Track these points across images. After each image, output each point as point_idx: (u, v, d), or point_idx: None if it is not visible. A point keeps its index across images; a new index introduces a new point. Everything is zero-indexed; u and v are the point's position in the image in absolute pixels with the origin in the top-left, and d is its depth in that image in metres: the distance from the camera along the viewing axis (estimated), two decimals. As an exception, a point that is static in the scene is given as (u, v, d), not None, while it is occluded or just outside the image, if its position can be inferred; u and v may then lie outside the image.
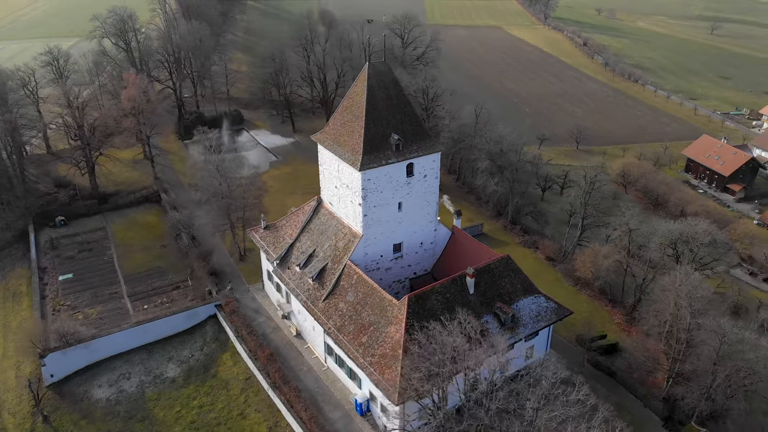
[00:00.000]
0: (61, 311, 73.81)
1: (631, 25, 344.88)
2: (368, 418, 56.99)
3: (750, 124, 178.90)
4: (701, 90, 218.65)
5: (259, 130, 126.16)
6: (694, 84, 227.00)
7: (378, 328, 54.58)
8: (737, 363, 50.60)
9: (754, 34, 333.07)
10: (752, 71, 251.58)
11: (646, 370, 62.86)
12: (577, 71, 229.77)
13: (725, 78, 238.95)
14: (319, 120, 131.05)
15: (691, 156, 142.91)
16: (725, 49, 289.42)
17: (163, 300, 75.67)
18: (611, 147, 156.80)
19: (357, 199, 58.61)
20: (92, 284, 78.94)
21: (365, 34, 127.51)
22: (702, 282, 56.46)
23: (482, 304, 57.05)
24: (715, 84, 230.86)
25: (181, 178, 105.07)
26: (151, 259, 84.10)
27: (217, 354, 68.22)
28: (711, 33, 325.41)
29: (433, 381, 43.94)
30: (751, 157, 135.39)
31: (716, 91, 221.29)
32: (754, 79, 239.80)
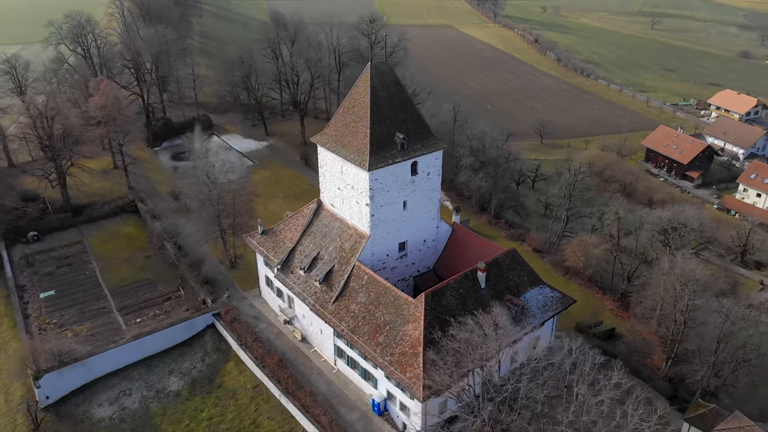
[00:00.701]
0: (48, 330, 70.67)
1: (576, 21, 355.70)
2: (386, 418, 57.08)
3: (698, 114, 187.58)
4: (649, 83, 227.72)
5: (230, 134, 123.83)
6: (642, 77, 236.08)
7: (394, 326, 54.69)
8: (742, 339, 53.23)
9: (690, 27, 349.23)
10: (693, 63, 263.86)
11: (644, 353, 65.22)
12: (532, 67, 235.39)
13: (670, 70, 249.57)
14: (292, 123, 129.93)
15: (651, 146, 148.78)
16: (666, 43, 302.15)
17: (155, 312, 73.48)
18: (573, 140, 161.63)
19: (364, 199, 58.54)
20: (77, 300, 75.85)
21: (334, 35, 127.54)
22: (698, 265, 59.07)
23: (493, 298, 57.99)
24: (660, 77, 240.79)
25: (157, 187, 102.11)
26: (137, 271, 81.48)
27: (220, 364, 66.81)
28: (651, 28, 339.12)
29: (468, 373, 44.44)
30: (707, 145, 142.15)
31: (663, 83, 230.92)
32: (696, 70, 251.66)
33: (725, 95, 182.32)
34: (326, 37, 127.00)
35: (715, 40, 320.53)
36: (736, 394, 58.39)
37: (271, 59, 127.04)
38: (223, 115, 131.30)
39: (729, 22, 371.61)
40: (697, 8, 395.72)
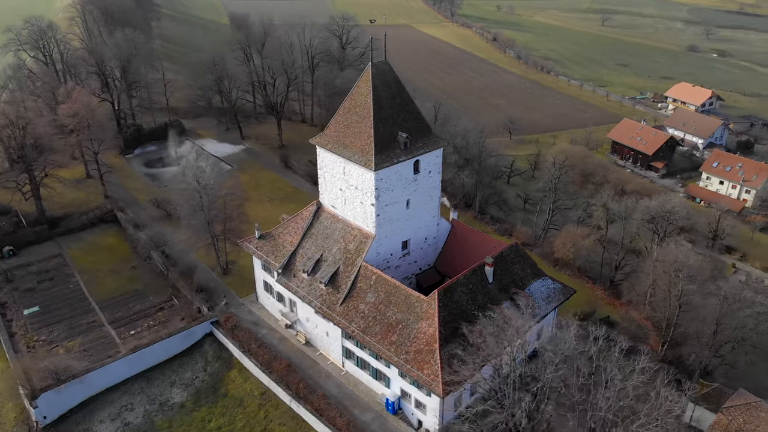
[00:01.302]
0: (37, 347, 67.99)
1: (530, 19, 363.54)
2: (401, 416, 57.20)
3: (656, 107, 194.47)
4: (606, 78, 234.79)
5: (204, 139, 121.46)
6: (599, 72, 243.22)
7: (407, 325, 54.89)
8: (739, 319, 55.68)
9: (639, 23, 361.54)
10: (645, 58, 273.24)
11: (640, 338, 67.34)
12: (493, 65, 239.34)
13: (624, 65, 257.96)
14: (267, 126, 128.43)
15: (616, 138, 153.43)
16: (618, 39, 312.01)
17: (149, 323, 71.58)
18: (540, 135, 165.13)
19: (369, 199, 58.51)
20: (64, 315, 73.18)
21: (306, 36, 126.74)
22: (691, 251, 61.44)
23: (500, 291, 58.92)
24: (616, 71, 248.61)
25: (135, 195, 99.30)
26: (124, 283, 79.16)
27: (223, 372, 65.62)
28: (602, 24, 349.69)
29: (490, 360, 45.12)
30: (670, 136, 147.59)
31: (618, 78, 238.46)
32: (649, 65, 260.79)
33: (681, 88, 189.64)
34: (298, 39, 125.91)
35: (663, 35, 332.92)
36: (731, 373, 60.98)
37: (243, 62, 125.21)
38: (195, 120, 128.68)
39: (674, 18, 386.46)
40: (644, 5, 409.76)
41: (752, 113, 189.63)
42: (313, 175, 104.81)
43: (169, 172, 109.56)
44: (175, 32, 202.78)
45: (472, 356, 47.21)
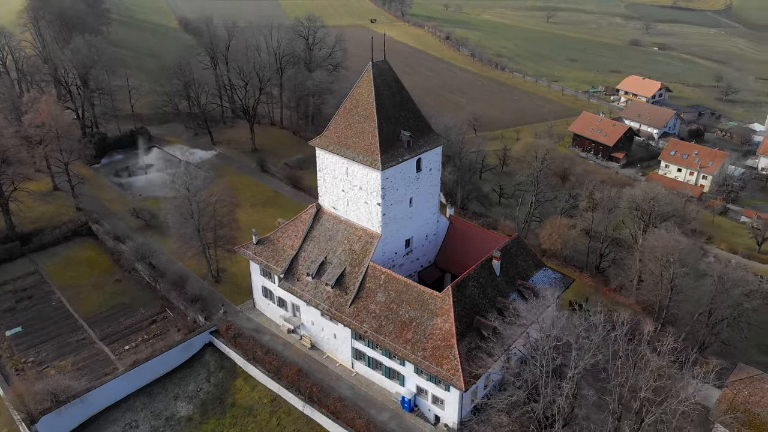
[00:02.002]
0: (26, 369, 64.91)
1: (478, 18, 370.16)
2: (417, 413, 57.46)
3: (609, 100, 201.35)
4: (558, 73, 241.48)
5: (173, 146, 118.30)
6: (550, 68, 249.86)
7: (421, 322, 55.20)
8: (735, 298, 58.60)
9: (583, 20, 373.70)
10: (592, 53, 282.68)
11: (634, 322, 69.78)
12: (449, 64, 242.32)
13: (573, 60, 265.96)
14: (236, 130, 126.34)
15: (577, 131, 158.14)
16: (564, 35, 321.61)
17: (143, 337, 69.38)
18: (503, 131, 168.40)
19: (375, 199, 58.50)
20: (50, 334, 70.10)
21: (274, 38, 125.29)
22: (681, 235, 64.21)
23: (507, 284, 60.03)
24: (566, 66, 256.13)
25: (109, 206, 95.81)
26: (109, 297, 76.41)
27: (228, 382, 64.26)
28: (547, 21, 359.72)
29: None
30: (629, 127, 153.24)
31: (569, 72, 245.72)
32: (596, 59, 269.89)
33: (632, 81, 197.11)
34: (265, 41, 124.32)
35: (606, 30, 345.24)
36: (724, 350, 64.04)
37: (210, 66, 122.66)
38: (161, 126, 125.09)
39: (614, 13, 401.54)
40: (584, 1, 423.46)
41: (698, 103, 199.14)
42: (292, 178, 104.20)
43: (140, 181, 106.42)
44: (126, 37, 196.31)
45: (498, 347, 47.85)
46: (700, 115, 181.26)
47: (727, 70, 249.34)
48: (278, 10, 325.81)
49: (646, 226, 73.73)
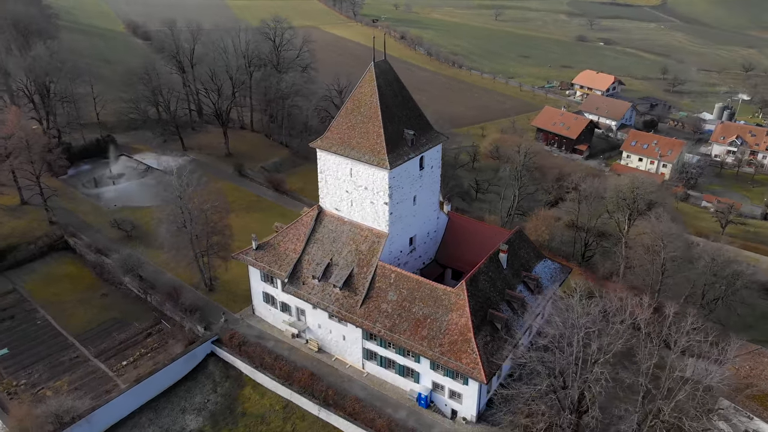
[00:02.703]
0: (19, 393, 61.85)
1: (428, 17, 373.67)
2: (434, 409, 57.93)
3: (564, 94, 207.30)
4: (512, 69, 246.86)
5: (142, 153, 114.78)
6: (504, 65, 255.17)
7: (436, 318, 55.68)
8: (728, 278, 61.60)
9: (529, 17, 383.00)
10: (542, 49, 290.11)
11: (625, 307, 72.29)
12: (406, 63, 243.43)
13: (525, 57, 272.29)
14: (207, 135, 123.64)
15: (540, 125, 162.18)
16: (513, 32, 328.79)
17: (141, 351, 67.25)
18: (468, 127, 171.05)
19: (382, 198, 58.59)
20: (39, 354, 67.04)
21: (242, 41, 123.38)
22: (673, 221, 67.00)
23: (513, 276, 61.24)
24: (519, 63, 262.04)
25: (84, 218, 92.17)
26: (98, 312, 73.68)
27: (235, 391, 63.08)
28: (495, 19, 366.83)
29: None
30: (590, 120, 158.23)
31: (523, 69, 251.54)
32: (547, 55, 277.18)
33: (586, 75, 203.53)
34: (233, 43, 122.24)
35: (552, 27, 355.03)
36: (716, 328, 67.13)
37: (177, 71, 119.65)
38: (127, 134, 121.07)
39: (557, 10, 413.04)
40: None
41: (648, 95, 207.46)
42: (273, 182, 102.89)
43: (113, 191, 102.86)
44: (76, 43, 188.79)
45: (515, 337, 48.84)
46: (652, 107, 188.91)
47: (671, 63, 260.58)
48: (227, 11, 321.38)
49: (631, 214, 76.47)
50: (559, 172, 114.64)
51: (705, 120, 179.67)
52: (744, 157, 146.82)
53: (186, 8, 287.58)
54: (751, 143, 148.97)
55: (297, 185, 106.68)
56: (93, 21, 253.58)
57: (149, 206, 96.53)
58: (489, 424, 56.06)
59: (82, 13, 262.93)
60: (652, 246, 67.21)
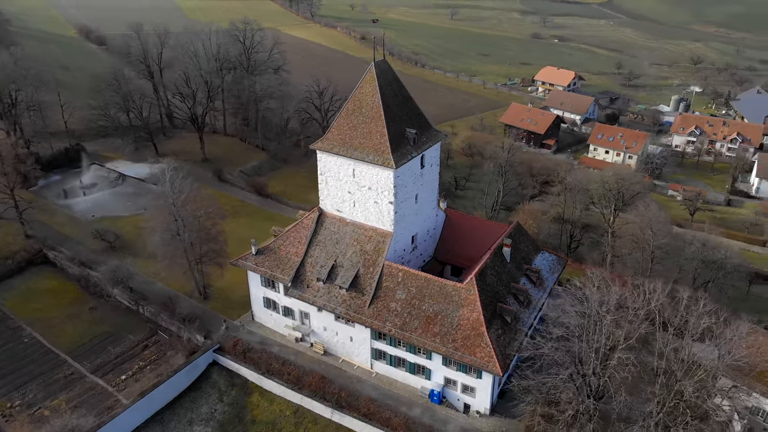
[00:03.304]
0: (15, 415, 59.41)
1: (384, 17, 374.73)
2: (446, 404, 58.43)
3: (527, 90, 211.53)
4: (474, 67, 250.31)
5: (115, 161, 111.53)
6: (465, 63, 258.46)
7: (447, 314, 56.17)
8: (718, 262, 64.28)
9: (484, 16, 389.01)
10: (500, 46, 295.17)
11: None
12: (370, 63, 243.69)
13: (485, 55, 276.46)
14: (180, 140, 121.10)
15: (508, 122, 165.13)
16: (470, 31, 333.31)
17: (139, 364, 65.53)
18: (438, 126, 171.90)
19: (387, 197, 58.68)
20: (32, 374, 64.53)
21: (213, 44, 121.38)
22: (660, 210, 69.50)
23: (516, 269, 62.36)
24: (479, 61, 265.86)
25: (60, 230, 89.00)
26: (88, 327, 71.36)
27: (243, 399, 62.10)
28: (451, 18, 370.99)
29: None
30: (556, 115, 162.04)
31: (483, 67, 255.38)
32: (505, 53, 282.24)
33: (547, 71, 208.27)
34: (203, 46, 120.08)
35: (507, 25, 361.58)
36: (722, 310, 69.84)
37: (146, 76, 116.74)
38: (96, 142, 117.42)
39: (510, 9, 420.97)
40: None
41: (607, 89, 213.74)
42: (256, 186, 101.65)
43: (87, 201, 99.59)
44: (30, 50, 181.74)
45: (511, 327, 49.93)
46: (611, 101, 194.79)
47: (624, 58, 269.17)
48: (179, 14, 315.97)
49: (617, 205, 78.92)
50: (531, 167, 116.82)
51: (663, 112, 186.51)
52: (703, 147, 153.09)
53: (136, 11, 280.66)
54: (709, 133, 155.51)
55: (278, 188, 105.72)
56: (43, 26, 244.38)
57: (129, 215, 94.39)
58: (502, 416, 56.99)
59: (32, 19, 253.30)
60: (642, 233, 69.49)
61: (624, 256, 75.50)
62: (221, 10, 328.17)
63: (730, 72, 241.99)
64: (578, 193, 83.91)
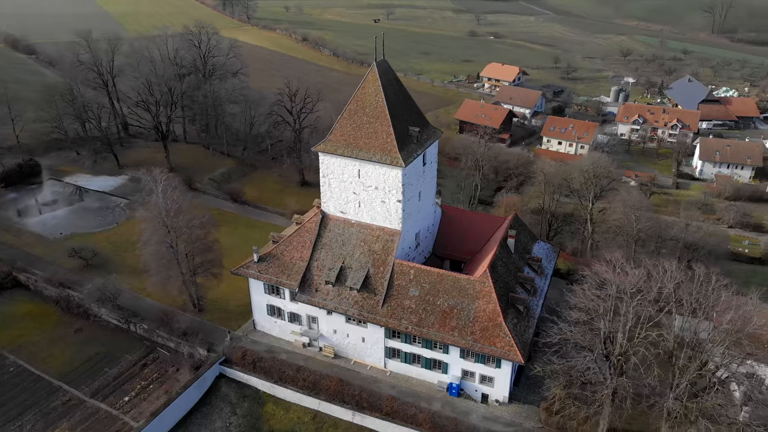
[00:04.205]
0: (15, 448, 55.84)
1: (320, 18, 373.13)
2: (464, 396, 59.40)
3: (473, 87, 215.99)
4: (418, 66, 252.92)
5: (74, 175, 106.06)
6: (408, 62, 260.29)
7: (463, 308, 57.10)
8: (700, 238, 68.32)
9: (418, 15, 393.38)
10: (439, 45, 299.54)
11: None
12: (315, 64, 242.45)
13: (426, 54, 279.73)
14: (141, 150, 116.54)
15: (462, 118, 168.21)
16: (407, 30, 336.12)
17: (141, 384, 62.99)
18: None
19: (395, 196, 58.94)
20: (25, 404, 60.90)
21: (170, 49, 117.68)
22: (641, 195, 73.12)
23: (519, 259, 64.08)
24: (422, 60, 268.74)
25: (28, 250, 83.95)
26: (77, 350, 67.95)
27: (257, 410, 60.95)
28: (387, 18, 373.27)
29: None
30: (509, 110, 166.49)
31: (427, 65, 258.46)
32: (445, 51, 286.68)
33: (492, 67, 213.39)
34: (159, 52, 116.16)
35: (442, 24, 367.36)
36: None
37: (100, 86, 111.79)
38: (49, 156, 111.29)
39: (443, 8, 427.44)
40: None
41: (548, 83, 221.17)
42: (231, 193, 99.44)
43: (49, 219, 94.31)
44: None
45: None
46: (555, 94, 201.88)
47: (558, 52, 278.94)
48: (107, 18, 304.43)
49: (596, 193, 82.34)
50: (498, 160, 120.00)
51: (604, 103, 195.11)
52: (647, 134, 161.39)
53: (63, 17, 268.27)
54: (651, 121, 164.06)
55: (253, 194, 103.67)
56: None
57: (101, 230, 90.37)
58: (520, 403, 58.56)
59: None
60: (626, 218, 72.88)
61: (608, 241, 78.75)
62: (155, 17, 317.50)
63: (658, 62, 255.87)
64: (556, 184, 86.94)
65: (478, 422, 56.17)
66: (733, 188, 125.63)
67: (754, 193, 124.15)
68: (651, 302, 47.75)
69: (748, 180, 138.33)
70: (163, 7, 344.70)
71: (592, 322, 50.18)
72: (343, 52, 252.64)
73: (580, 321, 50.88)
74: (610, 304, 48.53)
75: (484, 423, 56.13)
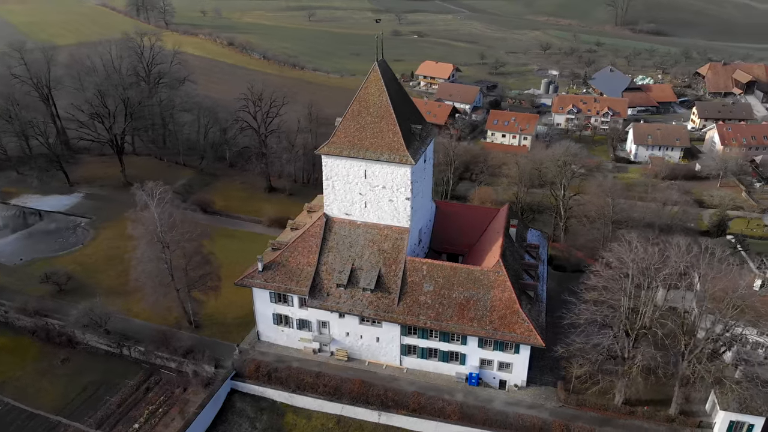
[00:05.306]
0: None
1: (240, 21, 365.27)
2: (483, 384, 60.80)
3: (409, 85, 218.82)
4: (350, 66, 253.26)
5: (19, 197, 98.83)
6: (340, 63, 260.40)
7: (479, 298, 58.43)
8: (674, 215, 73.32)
9: (339, 16, 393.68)
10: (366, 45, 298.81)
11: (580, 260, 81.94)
12: (245, 68, 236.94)
13: (356, 54, 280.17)
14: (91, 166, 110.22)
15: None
16: (330, 31, 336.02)
17: (148, 409, 60.02)
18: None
19: (403, 194, 59.34)
20: (23, 443, 56.45)
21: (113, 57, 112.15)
22: (615, 179, 77.45)
23: (520, 247, 66.28)
24: (353, 60, 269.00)
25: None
26: (68, 380, 63.99)
27: (277, 421, 59.69)
28: (309, 20, 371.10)
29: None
30: (453, 106, 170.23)
31: (359, 65, 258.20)
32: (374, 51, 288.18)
33: (427, 66, 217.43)
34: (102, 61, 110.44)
35: (363, 25, 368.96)
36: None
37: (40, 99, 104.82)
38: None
39: (362, 8, 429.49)
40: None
41: (479, 79, 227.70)
42: (200, 203, 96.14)
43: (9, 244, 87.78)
44: None
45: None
46: (489, 88, 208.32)
47: (482, 49, 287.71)
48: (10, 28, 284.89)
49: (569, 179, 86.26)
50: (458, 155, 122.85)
51: (536, 95, 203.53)
52: (582, 123, 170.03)
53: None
54: (584, 110, 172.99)
55: (220, 204, 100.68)
56: None
57: (66, 253, 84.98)
58: (537, 385, 60.67)
59: None
60: (603, 200, 76.98)
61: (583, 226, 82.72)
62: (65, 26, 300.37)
63: (576, 55, 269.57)
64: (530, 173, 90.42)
65: (503, 407, 57.71)
66: (668, 168, 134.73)
67: (689, 172, 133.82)
68: (673, 276, 50.89)
69: (678, 160, 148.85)
70: (71, 16, 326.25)
71: (610, 300, 52.87)
72: (273, 55, 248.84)
73: (599, 300, 53.45)
74: (630, 282, 51.39)
75: (509, 408, 57.74)
